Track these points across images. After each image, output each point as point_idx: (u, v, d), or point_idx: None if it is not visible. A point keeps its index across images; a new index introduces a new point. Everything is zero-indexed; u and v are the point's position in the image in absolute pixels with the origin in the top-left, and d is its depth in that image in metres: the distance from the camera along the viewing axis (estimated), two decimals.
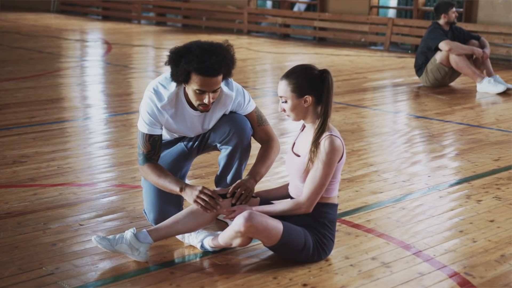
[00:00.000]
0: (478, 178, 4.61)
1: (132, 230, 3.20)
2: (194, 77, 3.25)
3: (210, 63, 3.22)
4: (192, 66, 3.22)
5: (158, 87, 3.42)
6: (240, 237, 3.13)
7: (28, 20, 15.63)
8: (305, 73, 3.13)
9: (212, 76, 3.25)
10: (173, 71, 3.31)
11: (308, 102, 3.13)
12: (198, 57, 3.22)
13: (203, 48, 3.25)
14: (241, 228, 3.06)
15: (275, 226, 3.10)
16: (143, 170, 3.44)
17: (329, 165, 3.08)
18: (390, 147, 5.44)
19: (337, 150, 3.09)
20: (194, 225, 3.25)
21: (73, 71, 9.11)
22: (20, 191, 4.21)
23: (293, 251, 3.16)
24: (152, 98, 3.40)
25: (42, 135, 5.57)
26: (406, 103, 7.42)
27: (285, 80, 3.15)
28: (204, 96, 3.30)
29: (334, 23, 12.41)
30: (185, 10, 14.94)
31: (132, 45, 11.83)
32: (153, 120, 3.40)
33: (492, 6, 10.56)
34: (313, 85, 3.12)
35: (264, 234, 3.09)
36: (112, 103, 7.04)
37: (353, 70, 9.36)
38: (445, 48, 7.74)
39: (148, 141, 3.41)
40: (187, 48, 3.27)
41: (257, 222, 3.06)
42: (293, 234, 3.14)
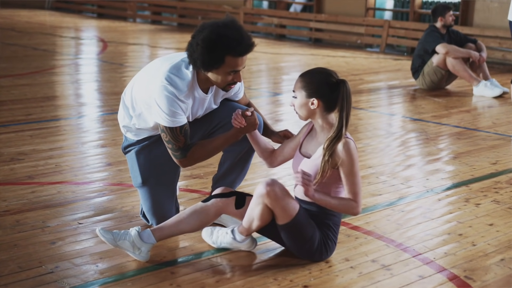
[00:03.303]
0: (476, 181, 4.61)
1: (137, 228, 3.19)
2: (229, 60, 3.20)
3: (246, 41, 3.20)
4: (230, 49, 3.17)
5: (172, 77, 3.27)
6: (261, 205, 3.10)
7: (22, 16, 15.58)
8: (320, 76, 3.14)
9: (247, 53, 3.24)
10: (205, 59, 3.19)
11: (314, 105, 3.13)
12: (234, 38, 3.18)
13: (232, 27, 3.21)
14: (263, 190, 3.07)
15: (293, 201, 3.13)
16: (190, 158, 3.34)
17: (355, 165, 3.11)
18: (387, 149, 5.44)
19: (354, 150, 3.12)
20: (198, 224, 3.25)
21: (68, 68, 9.09)
22: (18, 188, 4.19)
23: (300, 237, 3.15)
24: (170, 90, 3.25)
25: (39, 133, 5.55)
26: (402, 106, 7.43)
27: (301, 78, 3.18)
28: (237, 75, 3.28)
29: (330, 25, 12.42)
30: (180, 9, 14.92)
31: (128, 44, 11.81)
32: (177, 112, 3.27)
33: (488, 10, 10.59)
34: (324, 90, 3.12)
35: (282, 204, 3.08)
36: (108, 102, 7.02)
37: (349, 71, 9.37)
38: (442, 51, 7.76)
39: (181, 134, 3.29)
40: (216, 33, 3.18)
41: (278, 188, 3.08)
42: (306, 219, 3.15)
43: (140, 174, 3.53)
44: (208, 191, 4.23)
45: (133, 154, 3.56)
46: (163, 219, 3.45)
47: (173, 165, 3.53)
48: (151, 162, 3.52)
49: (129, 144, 3.59)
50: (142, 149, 3.53)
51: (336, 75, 3.17)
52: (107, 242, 3.16)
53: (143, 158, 3.53)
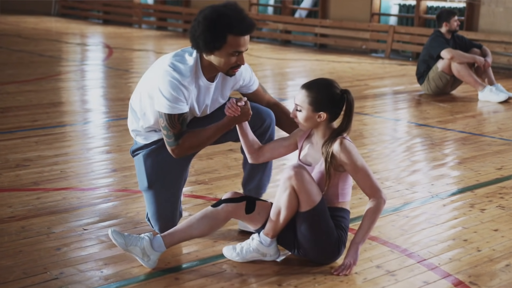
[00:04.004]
0: (481, 187, 4.61)
1: (149, 235, 3.18)
2: (231, 39, 3.19)
3: (247, 21, 3.20)
4: (231, 28, 3.17)
5: (175, 63, 3.27)
6: (288, 189, 3.10)
7: (28, 23, 15.65)
8: (326, 89, 3.16)
9: (248, 33, 3.23)
10: (207, 38, 3.18)
11: (322, 118, 3.16)
12: (234, 17, 3.18)
13: (232, 8, 3.22)
14: (290, 172, 3.08)
15: (317, 189, 3.14)
16: (181, 146, 3.31)
17: (358, 159, 3.12)
18: (392, 154, 5.44)
19: (352, 146, 3.14)
20: (208, 229, 3.25)
21: (74, 74, 9.12)
22: (23, 195, 4.20)
23: (319, 228, 3.15)
24: (173, 75, 3.24)
25: (45, 139, 5.56)
26: (407, 111, 7.43)
27: (305, 91, 3.17)
28: (239, 57, 3.27)
29: (335, 30, 12.43)
30: (186, 15, 14.96)
31: (133, 50, 11.84)
32: (179, 97, 3.24)
33: (493, 15, 10.58)
34: (332, 103, 3.15)
35: (308, 187, 3.09)
36: (113, 108, 7.04)
37: (354, 77, 9.37)
38: (447, 56, 7.76)
39: (178, 121, 3.26)
40: (217, 12, 3.19)
41: (305, 171, 3.10)
42: (326, 212, 3.17)
43: (146, 178, 3.53)
44: (213, 197, 4.24)
45: (140, 158, 3.56)
46: (166, 225, 3.45)
47: (180, 170, 3.54)
48: (158, 166, 3.52)
49: (137, 147, 3.59)
50: (150, 153, 3.53)
51: (338, 85, 3.19)
52: (118, 245, 3.16)
53: (150, 162, 3.53)
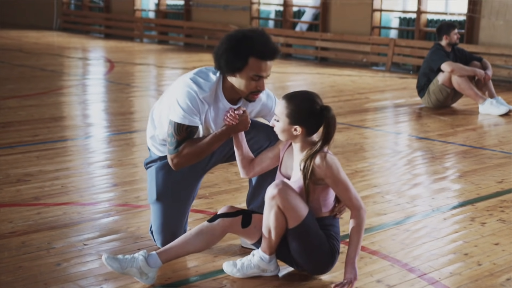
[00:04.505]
0: (482, 200, 4.60)
1: (143, 254, 3.18)
2: (252, 62, 3.22)
3: (270, 46, 3.22)
4: (253, 50, 3.19)
5: (197, 78, 3.32)
6: (274, 208, 3.09)
7: (30, 37, 15.70)
8: (305, 104, 3.12)
9: (271, 59, 3.24)
10: (229, 58, 3.22)
11: (297, 131, 3.13)
12: (257, 40, 3.20)
13: (257, 32, 3.25)
14: (274, 191, 3.08)
15: (303, 204, 3.13)
16: (179, 154, 3.31)
17: (339, 180, 3.10)
18: (393, 168, 5.44)
19: (333, 160, 3.11)
20: (204, 245, 3.25)
21: (76, 89, 9.14)
22: (24, 210, 4.20)
23: (309, 242, 3.15)
24: (192, 87, 3.28)
25: (46, 154, 5.57)
26: (408, 124, 7.44)
27: (285, 102, 3.15)
28: (259, 83, 3.27)
29: (336, 43, 12.47)
30: (187, 29, 15.01)
31: (135, 64, 11.87)
32: (194, 109, 3.28)
33: (493, 28, 10.61)
34: (309, 118, 3.11)
35: (293, 204, 3.08)
36: (114, 122, 7.05)
37: (355, 90, 9.39)
38: (447, 69, 7.77)
39: (185, 131, 3.28)
40: (242, 34, 3.24)
41: (288, 188, 3.09)
42: (315, 225, 3.16)
43: (156, 190, 3.55)
44: (213, 211, 4.24)
45: (153, 170, 3.58)
46: (170, 240, 3.45)
47: (190, 187, 3.56)
48: (169, 180, 3.53)
49: (151, 160, 3.62)
50: (163, 166, 3.55)
51: (320, 101, 3.15)
52: (115, 270, 3.15)
53: (162, 175, 3.54)
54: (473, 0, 10.72)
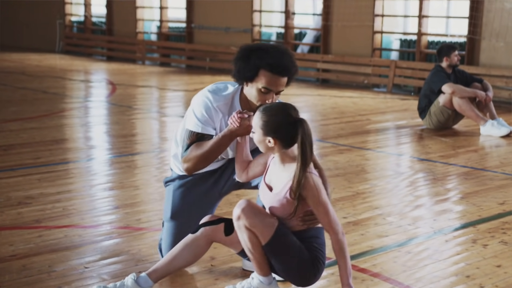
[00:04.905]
0: (484, 222, 4.59)
1: (133, 277, 3.17)
2: (262, 74, 3.24)
3: (283, 61, 3.24)
4: (264, 62, 3.22)
5: (215, 89, 3.40)
6: (242, 228, 3.08)
7: (33, 60, 15.77)
8: (279, 115, 3.08)
9: (282, 74, 3.25)
10: (240, 66, 3.28)
11: (271, 143, 3.09)
12: (271, 53, 3.23)
13: (275, 47, 3.29)
14: (237, 212, 3.07)
15: (270, 217, 3.11)
16: (186, 157, 3.36)
17: (320, 202, 3.05)
18: (394, 189, 5.44)
19: (316, 182, 3.06)
20: (192, 257, 3.24)
21: (78, 111, 9.17)
22: (25, 233, 4.20)
23: (287, 254, 3.11)
24: (208, 97, 3.37)
25: (47, 176, 5.58)
26: (409, 146, 7.44)
27: (259, 113, 3.13)
28: (268, 96, 3.28)
29: (337, 65, 12.51)
30: (189, 51, 15.08)
31: (137, 86, 11.91)
32: (208, 118, 3.35)
33: (494, 49, 10.65)
34: (281, 130, 3.07)
35: (259, 219, 3.07)
36: (116, 144, 7.06)
37: (356, 112, 9.40)
38: (448, 91, 7.79)
39: (196, 137, 3.34)
40: (258, 45, 3.29)
41: (251, 205, 3.08)
42: (288, 234, 3.12)
43: (171, 209, 3.59)
44: None
45: (170, 188, 3.64)
46: None
47: (205, 209, 3.59)
48: (185, 201, 3.58)
49: (171, 179, 3.66)
50: (181, 185, 3.60)
51: (296, 113, 3.10)
52: None
53: (178, 195, 3.59)
54: (474, 22, 10.77)
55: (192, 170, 3.41)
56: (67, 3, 17.84)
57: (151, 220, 4.50)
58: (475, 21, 10.75)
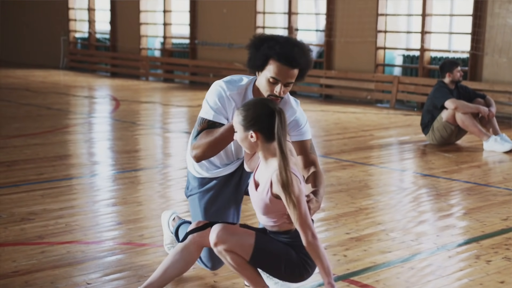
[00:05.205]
0: (487, 238, 4.58)
1: None
2: (271, 64, 3.27)
3: (292, 52, 3.25)
4: (273, 51, 3.24)
5: (230, 80, 3.44)
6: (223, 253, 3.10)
7: (37, 76, 15.83)
8: (255, 107, 3.09)
9: (290, 66, 3.26)
10: (252, 55, 3.32)
11: (254, 137, 3.08)
12: (282, 44, 3.25)
13: (288, 38, 3.31)
14: (213, 240, 3.09)
15: (244, 232, 3.12)
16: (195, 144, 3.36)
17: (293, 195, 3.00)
18: (398, 205, 5.43)
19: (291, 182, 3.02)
20: (183, 265, 3.24)
21: (81, 127, 9.19)
22: (28, 249, 4.20)
23: (273, 260, 3.12)
24: (222, 85, 3.40)
25: (50, 192, 5.58)
26: (413, 161, 7.44)
27: (238, 111, 3.14)
28: (276, 87, 3.29)
29: (340, 81, 12.54)
30: (192, 67, 15.12)
31: (140, 102, 11.94)
32: (221, 106, 3.37)
33: (496, 65, 10.66)
34: (260, 122, 3.06)
35: (235, 240, 3.09)
36: (119, 160, 7.07)
37: (359, 127, 9.41)
38: (451, 107, 7.80)
39: (207, 124, 3.35)
40: (271, 35, 3.32)
41: (222, 230, 3.09)
42: (268, 241, 3.13)
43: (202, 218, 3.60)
44: None
45: (195, 199, 3.66)
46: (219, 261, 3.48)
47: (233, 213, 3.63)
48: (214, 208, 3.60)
49: (191, 187, 3.68)
50: (205, 194, 3.62)
51: (273, 105, 3.10)
52: None
53: (205, 203, 3.62)
54: (476, 38, 10.79)
55: (200, 157, 3.41)
56: (71, 20, 17.94)
57: (154, 236, 4.50)
58: (478, 37, 10.77)
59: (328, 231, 4.68)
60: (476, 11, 10.76)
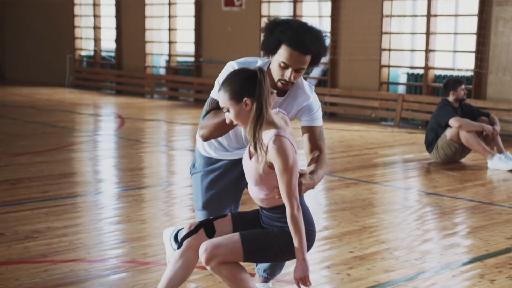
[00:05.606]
0: (491, 257, 4.57)
1: None
2: (283, 48, 3.25)
3: (304, 38, 3.23)
4: (285, 36, 3.23)
5: (243, 61, 3.42)
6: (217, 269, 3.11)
7: (42, 94, 15.90)
8: (237, 76, 3.10)
9: (301, 51, 3.24)
10: (265, 38, 3.31)
11: (248, 105, 3.08)
12: (295, 29, 3.24)
13: (303, 24, 3.30)
14: (203, 256, 3.10)
15: (229, 240, 3.13)
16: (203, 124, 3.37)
17: (287, 169, 3.02)
18: (402, 224, 5.42)
19: (286, 147, 3.03)
20: (185, 271, 3.24)
21: (86, 145, 9.21)
22: (31, 267, 4.20)
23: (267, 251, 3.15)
24: (234, 66, 3.38)
25: (55, 210, 5.59)
26: (417, 179, 7.43)
27: (221, 90, 3.13)
28: (286, 72, 3.28)
29: (345, 99, 12.56)
30: (197, 85, 15.17)
31: (145, 120, 11.98)
32: None
33: (501, 83, 10.67)
34: (248, 86, 3.06)
35: (223, 248, 3.10)
36: (124, 178, 7.08)
37: (363, 145, 9.41)
38: (455, 125, 7.80)
39: (216, 104, 3.34)
40: (286, 20, 3.31)
41: (211, 241, 3.12)
42: (254, 235, 3.15)
43: (201, 198, 3.61)
44: None
45: (198, 178, 3.65)
46: None
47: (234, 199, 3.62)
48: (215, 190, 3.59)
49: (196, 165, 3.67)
50: (208, 174, 3.61)
51: (250, 68, 3.13)
52: None
53: (207, 183, 3.61)
54: (480, 56, 10.82)
55: (207, 137, 3.42)
56: (77, 38, 18.04)
57: (157, 254, 4.50)
58: (482, 55, 10.79)
59: (331, 250, 4.68)
60: (480, 30, 10.78)
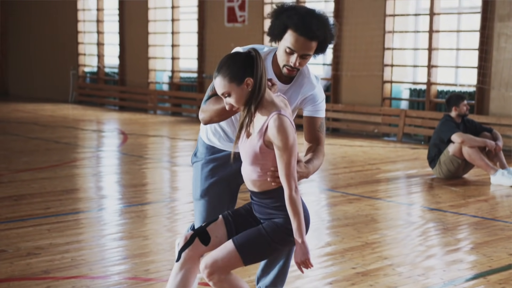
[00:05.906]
0: (494, 273, 4.55)
1: None
2: (289, 33, 3.25)
3: (310, 24, 3.22)
4: (291, 21, 3.22)
5: (250, 47, 3.37)
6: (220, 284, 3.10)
7: (46, 110, 15.94)
8: (233, 59, 3.11)
9: (306, 37, 3.23)
10: (272, 23, 3.31)
11: (250, 84, 3.08)
12: (301, 14, 3.23)
13: (310, 10, 3.29)
14: (205, 272, 3.10)
15: (226, 251, 3.12)
16: (203, 108, 3.35)
17: (286, 148, 3.02)
18: (405, 239, 5.41)
19: (286, 126, 3.03)
20: (185, 281, 3.23)
21: (89, 161, 9.22)
22: (33, 284, 4.20)
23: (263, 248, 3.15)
24: (238, 49, 3.36)
25: (57, 226, 5.59)
26: (420, 195, 7.42)
27: (219, 76, 3.12)
28: (291, 58, 3.27)
29: (347, 114, 12.57)
30: (200, 101, 15.20)
31: (148, 135, 12.00)
32: None
33: (503, 99, 10.68)
34: (247, 67, 3.08)
35: (221, 257, 3.10)
36: (126, 194, 7.09)
37: (366, 161, 9.41)
38: (458, 141, 7.80)
39: None
40: (293, 5, 3.31)
41: (209, 260, 3.10)
42: (246, 237, 3.14)
43: (200, 186, 3.59)
44: None
45: (198, 167, 3.63)
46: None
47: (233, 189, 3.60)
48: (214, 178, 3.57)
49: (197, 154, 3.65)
50: (209, 163, 3.60)
51: (241, 51, 3.14)
52: None
53: (207, 172, 3.59)
54: (483, 71, 10.83)
55: (207, 122, 3.41)
56: (81, 54, 18.11)
57: (160, 270, 4.49)
58: (484, 70, 10.81)
59: (334, 266, 4.67)
60: (482, 45, 10.81)
